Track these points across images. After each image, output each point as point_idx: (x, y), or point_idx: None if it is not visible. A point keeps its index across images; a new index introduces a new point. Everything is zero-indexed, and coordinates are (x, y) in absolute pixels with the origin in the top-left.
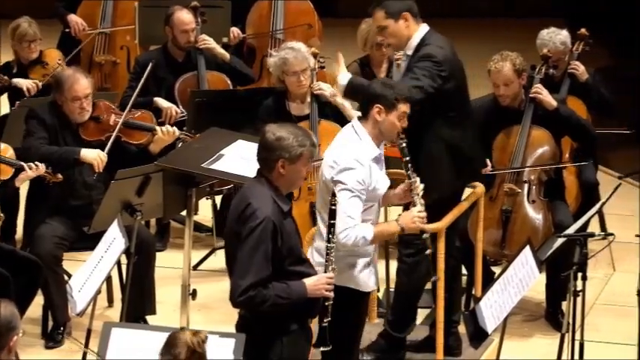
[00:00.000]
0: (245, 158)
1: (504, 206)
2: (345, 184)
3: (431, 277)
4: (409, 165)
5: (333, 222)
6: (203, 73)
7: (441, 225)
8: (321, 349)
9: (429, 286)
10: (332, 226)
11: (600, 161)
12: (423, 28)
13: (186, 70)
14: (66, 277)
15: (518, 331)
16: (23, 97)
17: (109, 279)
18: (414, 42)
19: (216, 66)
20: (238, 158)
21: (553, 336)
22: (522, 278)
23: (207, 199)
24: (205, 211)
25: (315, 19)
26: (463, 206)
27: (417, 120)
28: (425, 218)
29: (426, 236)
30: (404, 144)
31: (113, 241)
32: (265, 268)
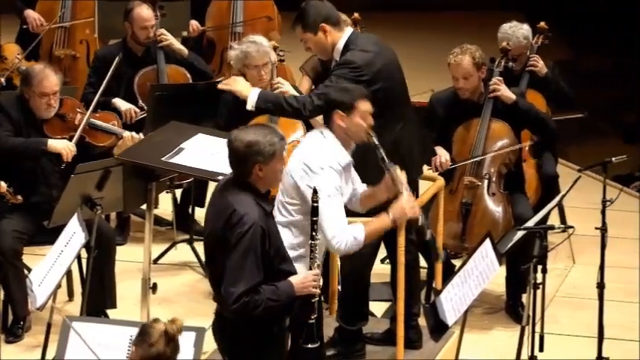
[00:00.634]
0: (205, 152)
1: (464, 199)
2: (322, 190)
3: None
4: (384, 157)
5: (315, 219)
6: (162, 67)
7: None
8: (309, 345)
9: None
10: (314, 223)
11: (560, 154)
12: (346, 33)
13: (145, 64)
14: (26, 272)
15: (478, 324)
16: None
17: (69, 273)
18: (339, 47)
19: (176, 60)
20: (199, 152)
21: (513, 328)
22: (482, 271)
23: (167, 192)
24: (165, 205)
25: (275, 13)
26: (423, 200)
27: None
28: (415, 205)
29: (423, 222)
30: (376, 141)
31: (73, 235)
32: (257, 274)
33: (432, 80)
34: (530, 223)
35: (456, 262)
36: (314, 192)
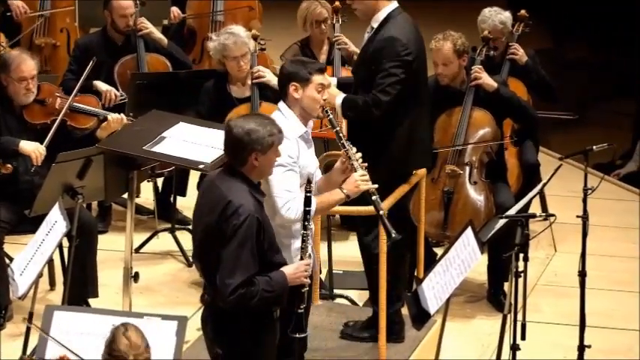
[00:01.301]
0: (187, 141)
1: (446, 188)
2: (276, 161)
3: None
4: (340, 135)
5: (308, 209)
6: (143, 56)
7: (382, 207)
8: (297, 335)
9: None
10: (307, 213)
11: (541, 142)
12: (391, 5)
13: (125, 52)
14: (7, 261)
15: (460, 312)
16: None
17: (50, 262)
18: (380, 17)
19: (155, 49)
20: (180, 141)
21: (495, 317)
22: (464, 259)
23: (148, 181)
24: (147, 194)
25: (256, 2)
26: (404, 188)
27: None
28: (368, 180)
29: (375, 199)
30: (331, 115)
31: (54, 224)
32: (252, 266)
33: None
34: (511, 212)
35: (438, 251)
36: (307, 182)
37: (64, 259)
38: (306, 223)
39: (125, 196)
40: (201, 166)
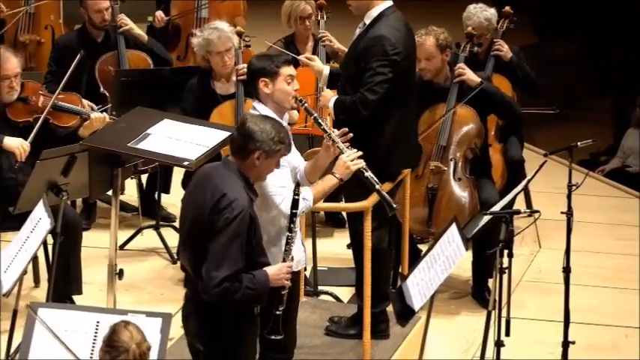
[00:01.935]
0: (171, 137)
1: (430, 184)
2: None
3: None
4: (319, 120)
5: (295, 211)
6: (123, 52)
7: (367, 203)
8: (272, 337)
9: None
10: (294, 215)
11: (526, 139)
12: (385, 4)
13: (105, 49)
14: None
15: (445, 309)
16: None
17: (35, 259)
18: (374, 13)
19: (135, 45)
20: (164, 137)
21: (480, 313)
22: (449, 256)
23: (132, 178)
24: (131, 191)
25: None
26: (389, 185)
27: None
28: (357, 159)
29: (368, 175)
30: (306, 104)
31: (39, 222)
32: (240, 261)
33: None
34: (496, 208)
35: (423, 247)
36: (296, 185)
37: (49, 256)
38: (292, 226)
39: (109, 193)
40: (186, 162)
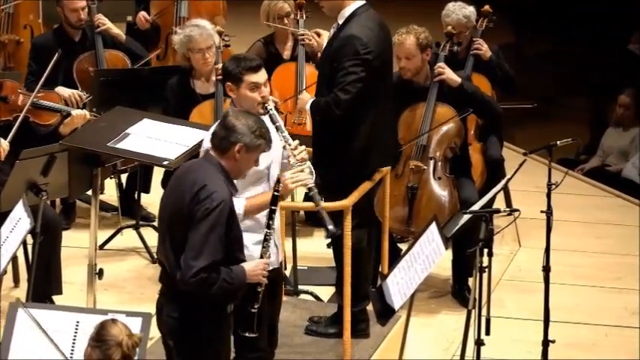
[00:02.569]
0: (151, 137)
1: (410, 183)
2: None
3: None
4: (281, 130)
5: (274, 208)
6: (101, 52)
7: (347, 202)
8: (247, 334)
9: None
10: (273, 212)
11: (505, 138)
12: (357, 3)
13: (83, 49)
14: None
15: (425, 308)
16: None
17: (14, 259)
18: (347, 12)
19: (113, 45)
20: (144, 137)
21: (460, 312)
22: (429, 255)
23: (112, 178)
24: (111, 191)
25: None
26: (368, 185)
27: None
28: (302, 178)
29: (313, 194)
30: (271, 111)
31: (18, 221)
32: (219, 251)
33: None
34: (475, 207)
35: (403, 246)
36: (277, 181)
37: (28, 256)
38: (270, 222)
39: (89, 192)
40: (166, 162)
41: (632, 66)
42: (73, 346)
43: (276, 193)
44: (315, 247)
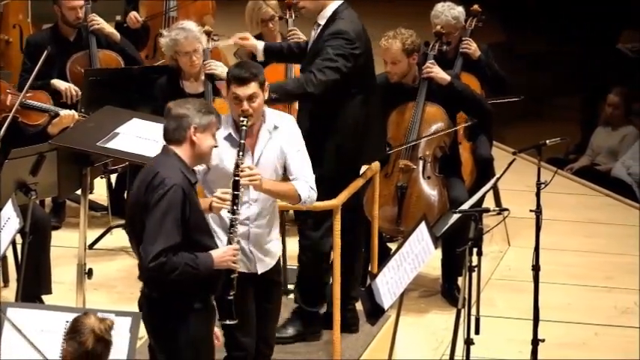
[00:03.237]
0: (141, 137)
1: (400, 182)
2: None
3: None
4: (242, 148)
5: (236, 193)
6: (95, 52)
7: (336, 202)
8: (227, 322)
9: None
10: (236, 197)
11: (495, 137)
12: (337, 1)
13: (77, 48)
14: None
15: (414, 307)
16: None
17: (4, 258)
18: (327, 12)
19: (108, 45)
20: (134, 137)
21: (449, 311)
22: (418, 254)
23: (101, 177)
24: (100, 190)
25: None
26: (358, 183)
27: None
28: (225, 202)
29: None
30: (243, 128)
31: (8, 221)
32: (175, 235)
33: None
34: (465, 206)
35: (392, 246)
36: (236, 166)
37: (18, 256)
38: (235, 208)
39: (79, 192)
40: None
41: (621, 65)
42: (63, 346)
43: (236, 178)
44: None
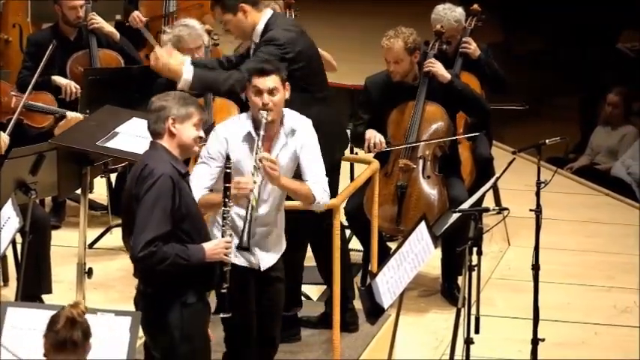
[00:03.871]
0: (140, 136)
1: (399, 182)
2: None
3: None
4: (259, 148)
5: (228, 185)
6: (95, 51)
7: (336, 201)
8: (220, 315)
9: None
10: (227, 189)
11: (494, 136)
12: (266, 14)
13: (78, 48)
14: None
15: (414, 307)
16: None
17: (3, 258)
18: (259, 29)
19: (108, 44)
20: (133, 136)
21: (449, 311)
22: (418, 253)
23: (101, 177)
24: (100, 190)
25: None
26: (358, 182)
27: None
28: (245, 186)
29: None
30: (263, 120)
31: (7, 220)
32: (165, 224)
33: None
34: (465, 206)
35: (392, 245)
36: (227, 158)
37: (18, 255)
38: (226, 200)
39: (78, 191)
40: None
41: (621, 65)
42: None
43: (227, 170)
44: None
